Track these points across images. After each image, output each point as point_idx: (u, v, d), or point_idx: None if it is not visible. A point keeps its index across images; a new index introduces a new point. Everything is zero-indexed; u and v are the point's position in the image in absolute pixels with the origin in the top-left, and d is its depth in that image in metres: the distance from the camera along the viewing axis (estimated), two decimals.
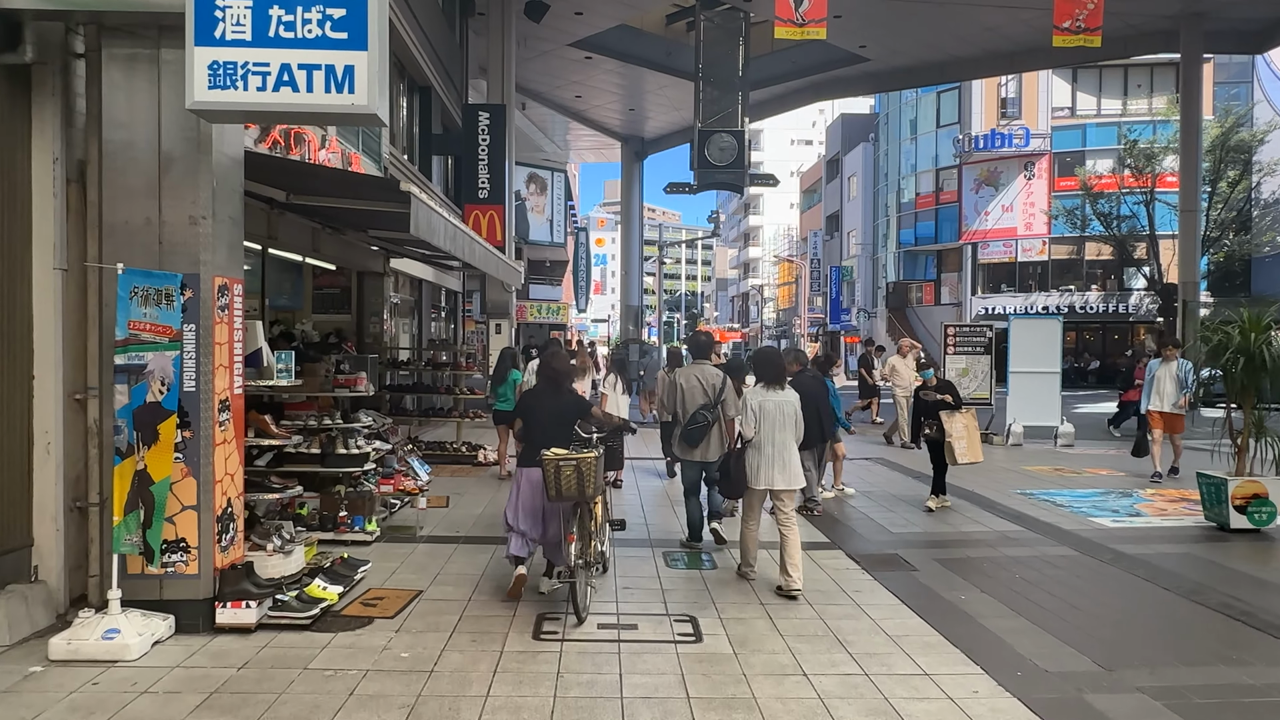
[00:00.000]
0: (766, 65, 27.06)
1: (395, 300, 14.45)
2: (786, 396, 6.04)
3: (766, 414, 5.92)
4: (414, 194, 5.36)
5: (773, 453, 5.88)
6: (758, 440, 5.92)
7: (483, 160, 16.09)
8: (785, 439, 5.92)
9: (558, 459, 5.17)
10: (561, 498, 5.21)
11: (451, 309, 20.02)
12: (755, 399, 6.01)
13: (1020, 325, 14.47)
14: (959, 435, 8.58)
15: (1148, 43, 23.64)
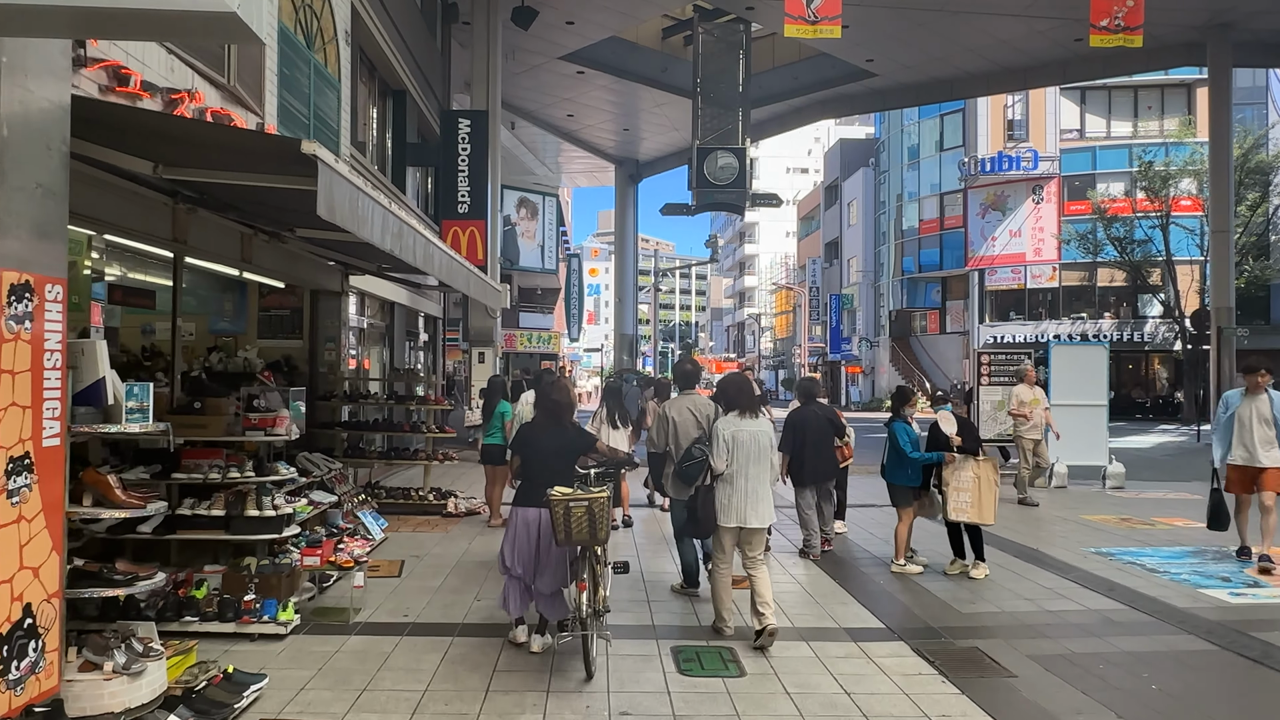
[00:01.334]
0: (768, 82, 25.79)
1: (363, 324, 12.85)
2: (760, 426, 5.58)
3: (740, 445, 5.48)
4: (321, 159, 3.78)
5: (745, 487, 5.44)
6: (729, 474, 5.47)
7: (462, 172, 14.60)
8: (759, 473, 5.48)
9: (567, 499, 4.71)
10: (571, 541, 4.75)
11: (432, 336, 18.42)
12: (727, 429, 5.55)
13: (1062, 353, 12.94)
14: (962, 486, 7.01)
15: (1171, 56, 22.42)
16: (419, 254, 5.86)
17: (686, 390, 6.68)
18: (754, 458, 5.46)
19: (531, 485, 5.20)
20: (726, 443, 5.49)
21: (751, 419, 5.60)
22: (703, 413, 6.29)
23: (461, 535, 8.68)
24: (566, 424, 5.49)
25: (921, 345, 41.89)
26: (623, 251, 35.91)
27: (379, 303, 13.80)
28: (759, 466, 5.47)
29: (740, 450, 5.46)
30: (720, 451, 5.49)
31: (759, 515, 5.43)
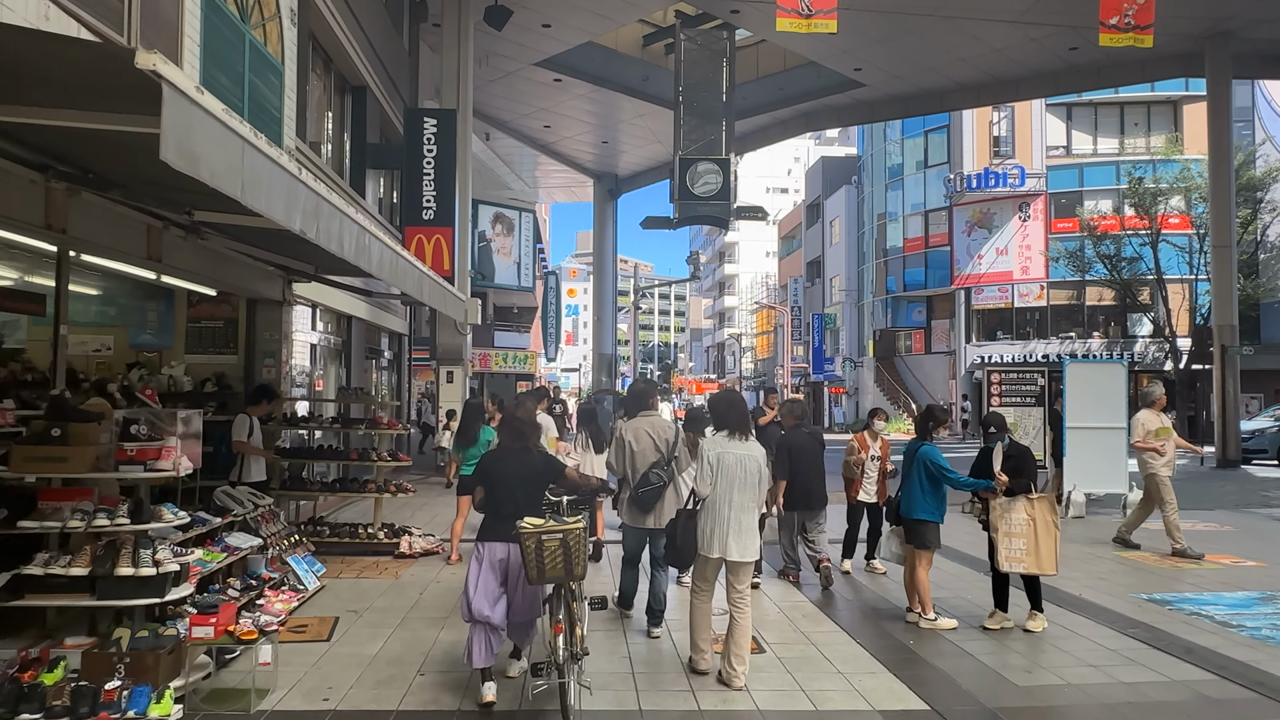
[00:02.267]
0: (751, 93, 24.92)
1: (314, 340, 11.62)
2: (750, 450, 5.08)
3: (725, 469, 5.00)
4: (166, 78, 2.62)
5: (729, 515, 4.96)
6: (713, 499, 4.99)
7: (428, 175, 13.45)
8: (745, 501, 4.98)
9: (539, 531, 4.33)
10: (544, 578, 4.39)
11: (397, 355, 17.18)
12: (714, 450, 5.07)
13: (1077, 372, 11.93)
14: (1014, 530, 5.94)
15: (1167, 66, 21.79)
16: (348, 242, 4.70)
17: (642, 411, 6.21)
18: (740, 484, 4.96)
19: (498, 517, 4.74)
20: (711, 465, 5.00)
21: (741, 440, 5.10)
22: (661, 436, 5.92)
23: (414, 581, 7.44)
24: (532, 448, 5.03)
25: (906, 365, 41.06)
26: (601, 269, 34.86)
27: (334, 316, 12.59)
28: (745, 494, 4.96)
29: (725, 474, 4.97)
30: (704, 474, 5.01)
31: (742, 547, 4.93)
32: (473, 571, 4.71)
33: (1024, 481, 6.05)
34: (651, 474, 5.77)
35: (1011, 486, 6.01)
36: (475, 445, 8.41)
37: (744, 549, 4.94)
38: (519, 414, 5.19)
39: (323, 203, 4.11)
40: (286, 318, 9.23)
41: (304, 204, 3.89)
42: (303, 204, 3.85)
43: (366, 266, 5.30)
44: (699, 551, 5.02)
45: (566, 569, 4.34)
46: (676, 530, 5.17)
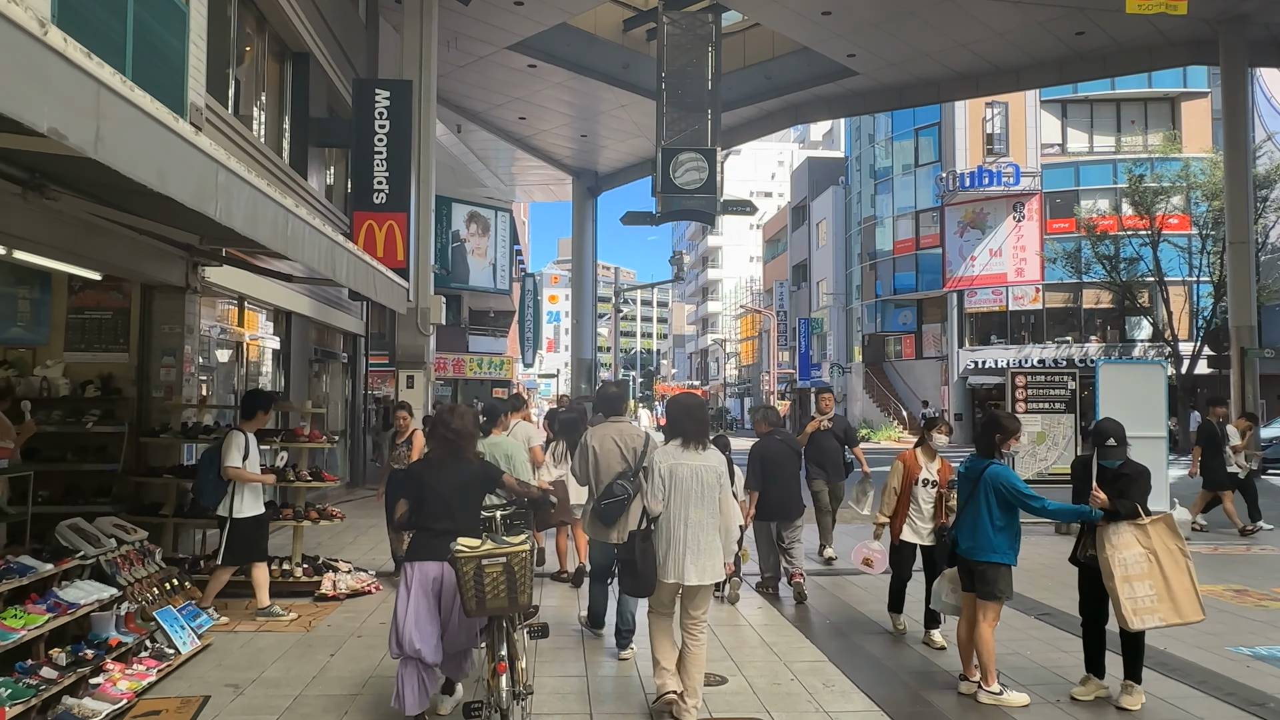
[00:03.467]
0: (737, 82, 23.55)
1: (243, 338, 10.07)
2: (707, 460, 4.54)
3: (679, 482, 4.45)
4: None
5: (685, 534, 4.41)
6: (667, 518, 4.44)
7: (379, 154, 11.94)
8: (702, 518, 4.44)
9: (478, 555, 3.81)
10: (484, 609, 3.86)
11: (352, 358, 15.60)
12: (665, 461, 4.52)
13: (1112, 373, 10.57)
14: (1131, 571, 4.54)
15: (1177, 53, 20.61)
16: (236, 203, 3.27)
17: (613, 417, 5.79)
18: (695, 499, 4.43)
19: (430, 534, 4.26)
20: (663, 478, 4.46)
21: (697, 451, 4.53)
22: (629, 444, 5.53)
23: (328, 636, 5.90)
24: (468, 456, 4.50)
25: (896, 371, 39.84)
26: (581, 270, 33.40)
27: (270, 311, 11.03)
28: (702, 510, 4.43)
29: (679, 489, 4.44)
30: (655, 489, 4.47)
31: (700, 570, 4.41)
32: (401, 598, 4.15)
33: (1130, 504, 4.61)
34: (616, 485, 5.37)
35: (1115, 508, 4.58)
36: None
37: (703, 571, 4.41)
38: (454, 423, 4.48)
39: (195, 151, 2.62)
40: (190, 308, 7.67)
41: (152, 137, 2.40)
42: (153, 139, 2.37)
43: (255, 234, 3.84)
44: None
45: (510, 598, 3.86)
46: (634, 555, 4.50)
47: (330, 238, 5.27)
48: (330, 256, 5.28)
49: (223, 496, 6.01)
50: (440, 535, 4.16)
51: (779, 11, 19.25)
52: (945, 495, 5.85)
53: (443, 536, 4.11)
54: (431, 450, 4.62)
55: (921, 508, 5.90)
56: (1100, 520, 4.62)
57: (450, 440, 4.43)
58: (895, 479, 5.95)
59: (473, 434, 4.59)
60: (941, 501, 5.89)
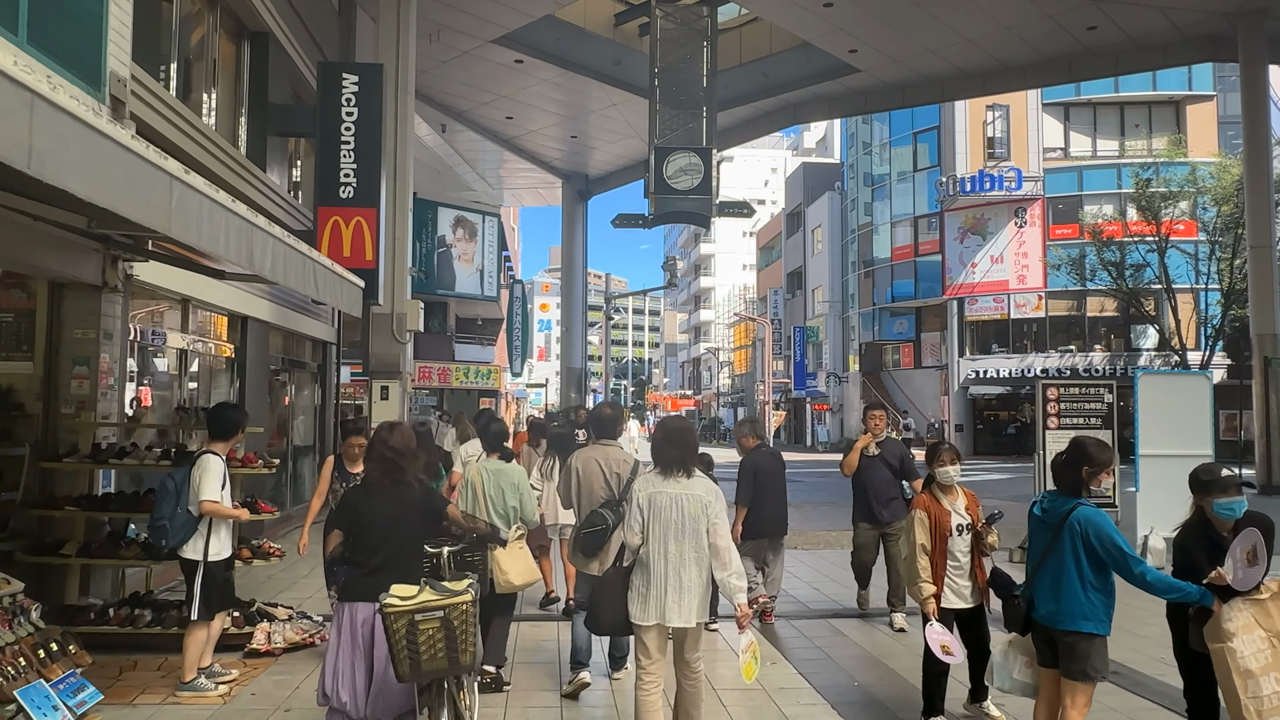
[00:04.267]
0: (733, 80, 22.60)
1: (185, 345, 8.99)
2: (690, 489, 4.04)
3: (658, 513, 4.01)
4: None
5: (666, 570, 3.96)
6: (646, 553, 4.00)
7: (346, 143, 10.89)
8: (685, 553, 3.97)
9: (410, 609, 3.37)
10: (419, 673, 3.43)
11: (322, 367, 14.52)
12: (645, 490, 4.10)
13: (1152, 384, 9.60)
14: (1253, 664, 3.52)
15: (1192, 49, 19.77)
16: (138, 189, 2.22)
17: (603, 439, 5.42)
18: (676, 531, 4.01)
19: (363, 571, 3.80)
20: (641, 508, 4.08)
21: (679, 478, 4.11)
22: (613, 470, 5.15)
23: (247, 712, 4.81)
24: (408, 480, 3.96)
25: (895, 380, 38.90)
26: (571, 276, 32.38)
27: (220, 315, 9.95)
28: (683, 543, 3.99)
29: (659, 520, 4.03)
30: (633, 520, 4.08)
31: (683, 610, 3.97)
32: (332, 641, 3.80)
33: (1249, 575, 3.58)
34: (595, 515, 4.96)
35: (1228, 587, 3.55)
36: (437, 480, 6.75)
37: (686, 611, 3.98)
38: (393, 440, 3.96)
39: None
40: (109, 309, 6.59)
41: None
42: None
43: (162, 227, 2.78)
44: (633, 619, 4.06)
45: (450, 658, 3.45)
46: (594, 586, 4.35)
47: (245, 218, 4.21)
48: (245, 242, 4.22)
49: (191, 535, 5.00)
50: (374, 574, 3.73)
51: (779, 3, 18.32)
52: (985, 532, 4.75)
53: (377, 575, 3.70)
54: (368, 473, 4.06)
55: (959, 560, 4.67)
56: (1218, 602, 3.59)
57: (389, 461, 3.91)
58: (923, 534, 4.63)
59: (415, 454, 4.05)
60: (979, 543, 4.71)
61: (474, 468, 5.49)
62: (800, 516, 14.02)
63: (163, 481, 5.17)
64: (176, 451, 6.17)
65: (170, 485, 5.06)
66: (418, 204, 32.00)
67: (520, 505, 5.33)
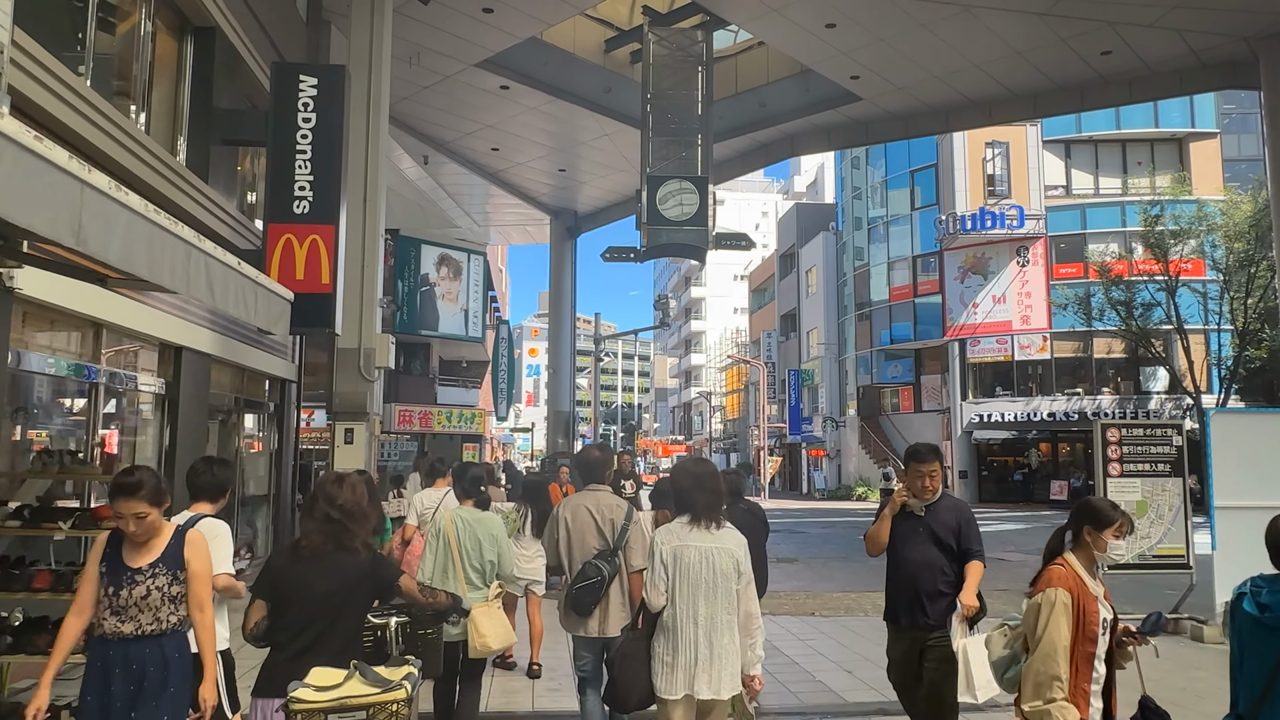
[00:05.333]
0: (729, 111, 21.63)
1: (98, 378, 7.60)
2: (721, 542, 3.64)
3: (686, 570, 3.58)
4: None
5: (695, 635, 3.53)
6: (672, 616, 3.57)
7: (302, 152, 9.64)
8: (717, 614, 3.56)
9: (325, 706, 2.79)
10: None
11: (280, 407, 13.09)
12: (668, 543, 3.64)
13: (1226, 426, 8.32)
14: None
15: (1210, 76, 18.89)
16: None
17: (592, 484, 4.88)
18: (708, 590, 3.53)
19: (284, 656, 3.12)
20: (665, 564, 3.59)
21: (708, 530, 3.63)
22: (606, 516, 4.62)
23: None
24: (355, 546, 3.22)
25: (894, 425, 37.60)
26: (558, 315, 31.13)
27: (149, 345, 8.58)
28: (715, 604, 3.53)
29: (686, 578, 3.54)
30: (657, 578, 3.60)
31: (714, 680, 3.48)
32: None
33: None
34: (589, 567, 4.51)
35: None
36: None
37: (717, 682, 3.49)
38: (340, 498, 3.24)
39: None
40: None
41: None
42: None
43: None
44: (657, 691, 3.54)
45: None
46: (613, 660, 3.79)
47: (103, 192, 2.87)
48: (129, 233, 2.87)
49: None
50: (298, 659, 3.09)
51: (778, 24, 17.37)
52: (1134, 639, 3.26)
53: (301, 660, 3.07)
54: (306, 534, 3.31)
55: (1098, 669, 3.18)
56: None
57: (335, 523, 3.22)
58: (1063, 625, 3.07)
59: (365, 514, 3.33)
60: (1113, 656, 3.24)
61: (446, 517, 4.87)
62: (811, 574, 12.56)
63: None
64: (33, 511, 4.73)
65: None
66: (400, 241, 30.94)
67: (499, 559, 4.82)
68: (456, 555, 4.74)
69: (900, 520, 4.55)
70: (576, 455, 5.70)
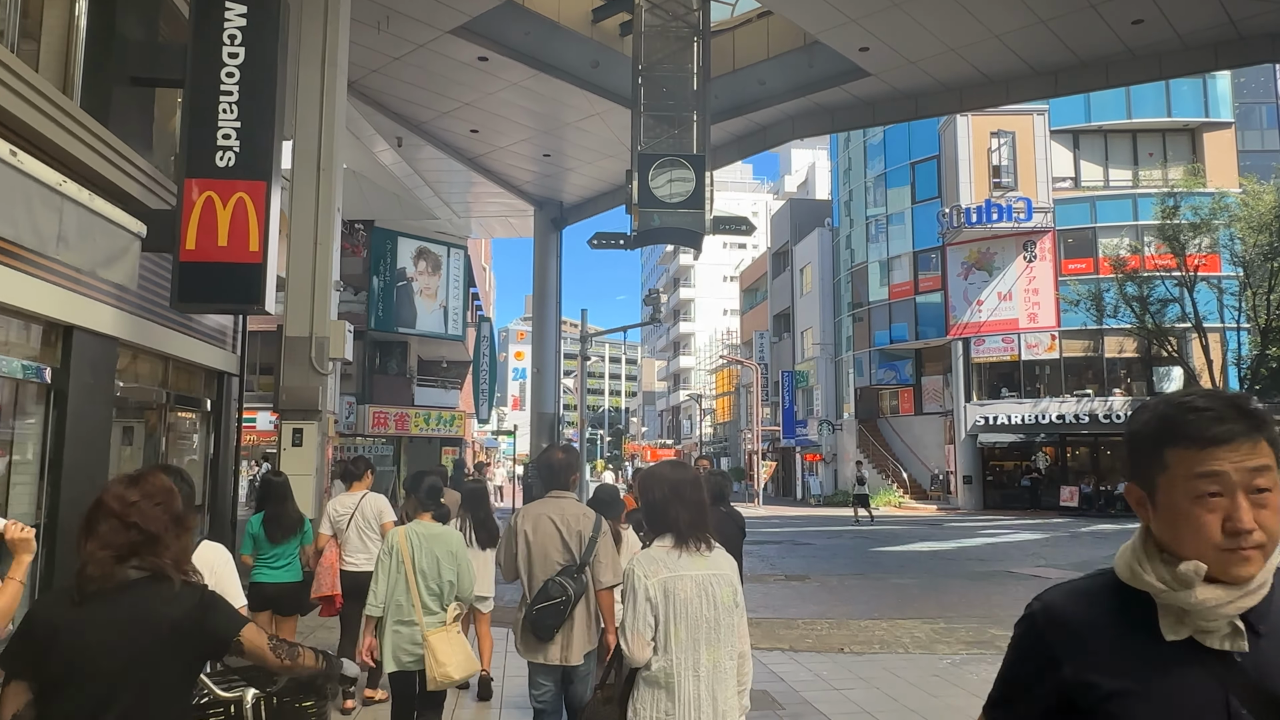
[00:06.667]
0: (726, 90, 20.07)
1: None
2: (715, 566, 2.95)
3: (684, 608, 2.84)
4: None
5: (698, 691, 2.80)
6: (664, 668, 2.81)
7: (227, 94, 7.99)
8: (719, 661, 2.85)
9: None
10: None
11: (219, 406, 11.38)
12: (655, 574, 2.87)
13: None
14: None
15: (1247, 49, 17.48)
16: None
17: (554, 491, 4.32)
18: (709, 631, 2.81)
19: None
20: (652, 601, 2.81)
21: (700, 552, 2.92)
22: (573, 527, 4.13)
23: None
24: (167, 576, 2.19)
25: (893, 428, 36.16)
26: (543, 314, 29.52)
27: (30, 321, 6.90)
28: (719, 649, 2.81)
29: (684, 618, 2.80)
30: (640, 623, 2.79)
31: None
32: None
33: None
34: (552, 585, 3.97)
35: None
36: (288, 542, 6.20)
37: None
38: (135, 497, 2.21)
39: None
40: None
41: None
42: None
43: None
44: None
45: None
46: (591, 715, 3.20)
47: None
48: None
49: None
50: None
51: None
52: None
53: None
54: (87, 561, 2.16)
55: None
56: None
57: (130, 538, 2.16)
58: None
59: (178, 524, 2.26)
60: None
61: (400, 534, 4.49)
62: (829, 595, 10.97)
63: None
64: None
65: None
66: (375, 233, 29.18)
67: (458, 579, 4.46)
68: (412, 576, 4.33)
69: None
70: (537, 458, 4.94)
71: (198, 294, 7.76)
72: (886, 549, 18.01)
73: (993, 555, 16.32)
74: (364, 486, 6.66)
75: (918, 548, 18.14)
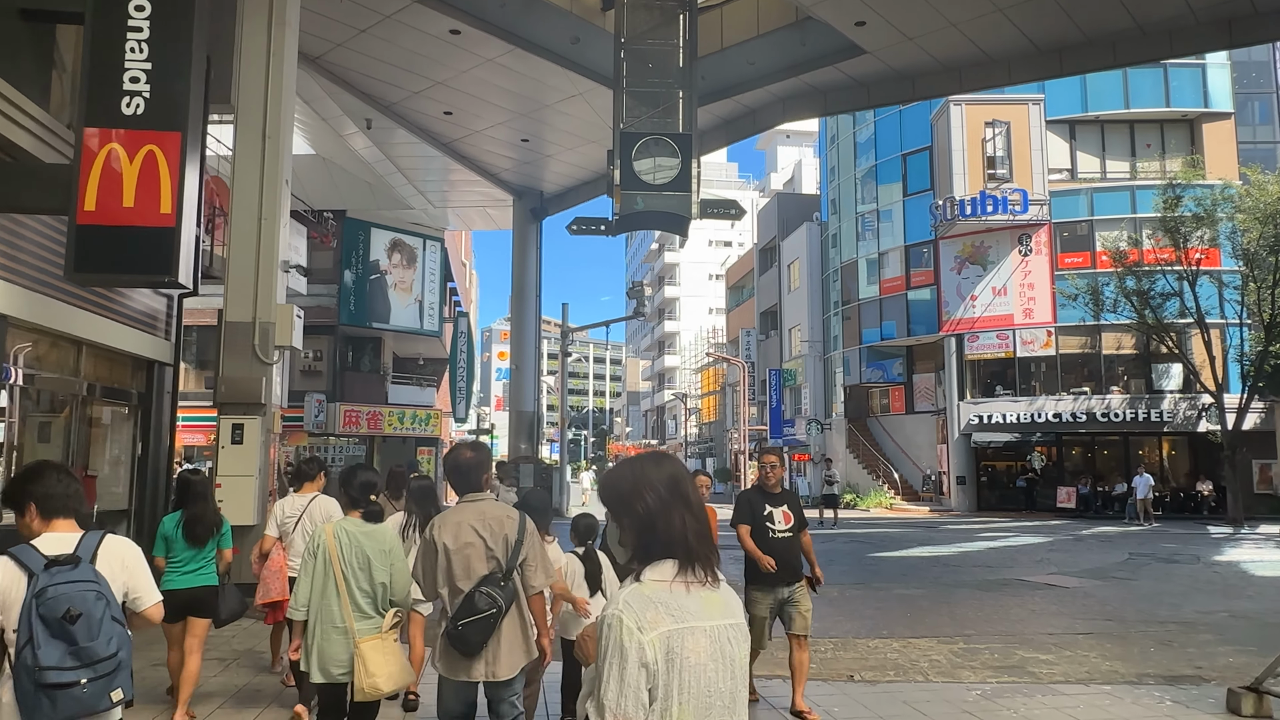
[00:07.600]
0: (713, 70, 18.96)
1: None
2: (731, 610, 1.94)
3: (695, 675, 1.81)
4: None
5: None
6: None
7: (136, 30, 6.84)
8: None
9: None
10: None
11: (150, 399, 10.18)
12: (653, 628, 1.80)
13: None
14: None
15: (1263, 25, 16.57)
16: None
17: (469, 495, 3.89)
18: (726, 704, 1.85)
19: None
20: (649, 668, 1.78)
21: (705, 587, 1.90)
22: (497, 532, 3.76)
23: None
24: None
25: (884, 427, 35.22)
26: (522, 308, 28.37)
27: None
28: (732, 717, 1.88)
29: (689, 690, 1.80)
30: (629, 698, 1.75)
31: None
32: None
33: None
34: (479, 596, 3.64)
35: None
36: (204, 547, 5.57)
37: None
38: None
39: None
40: None
41: None
42: None
43: None
44: None
45: None
46: None
47: None
48: None
49: None
50: None
51: None
52: None
53: None
54: None
55: None
56: None
57: None
58: None
59: None
60: None
61: (328, 531, 4.05)
62: (830, 609, 9.89)
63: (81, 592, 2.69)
64: None
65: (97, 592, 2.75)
66: (347, 224, 27.91)
67: (391, 581, 4.02)
68: (340, 577, 3.98)
69: None
70: (445, 458, 4.42)
71: (97, 263, 6.60)
72: (885, 554, 17.01)
73: (999, 561, 15.32)
74: (315, 488, 6.17)
75: (918, 553, 17.14)
